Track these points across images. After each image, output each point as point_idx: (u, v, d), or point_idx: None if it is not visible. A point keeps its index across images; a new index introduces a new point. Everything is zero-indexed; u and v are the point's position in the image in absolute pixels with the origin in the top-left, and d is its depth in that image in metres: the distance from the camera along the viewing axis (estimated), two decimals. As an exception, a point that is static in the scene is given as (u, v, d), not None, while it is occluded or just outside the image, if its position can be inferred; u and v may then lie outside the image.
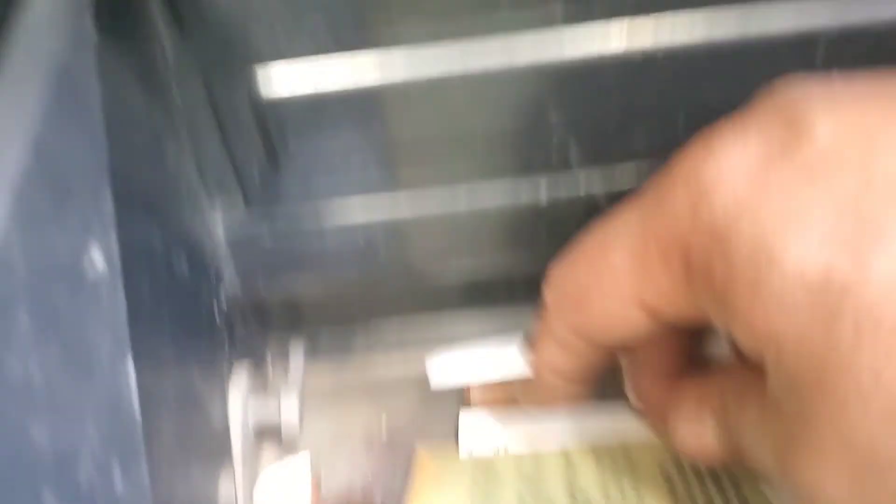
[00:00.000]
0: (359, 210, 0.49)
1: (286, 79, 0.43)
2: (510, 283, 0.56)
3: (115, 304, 0.29)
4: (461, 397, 0.56)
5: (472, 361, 0.53)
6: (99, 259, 0.28)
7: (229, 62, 0.42)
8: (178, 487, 0.40)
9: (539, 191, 0.49)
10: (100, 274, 0.28)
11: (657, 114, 0.45)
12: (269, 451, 0.55)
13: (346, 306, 0.58)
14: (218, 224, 0.49)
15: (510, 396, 0.54)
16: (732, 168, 0.31)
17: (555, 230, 0.51)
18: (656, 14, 0.41)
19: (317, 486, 0.52)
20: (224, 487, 0.48)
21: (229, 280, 0.51)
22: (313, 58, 0.43)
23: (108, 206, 0.29)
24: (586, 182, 0.48)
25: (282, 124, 0.45)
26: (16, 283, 0.23)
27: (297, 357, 0.57)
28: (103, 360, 0.27)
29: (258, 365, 0.56)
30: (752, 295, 0.29)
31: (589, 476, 0.46)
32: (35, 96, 0.26)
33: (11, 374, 0.23)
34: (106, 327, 0.28)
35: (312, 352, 0.59)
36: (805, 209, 0.28)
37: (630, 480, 0.45)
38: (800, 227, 0.28)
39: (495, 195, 0.49)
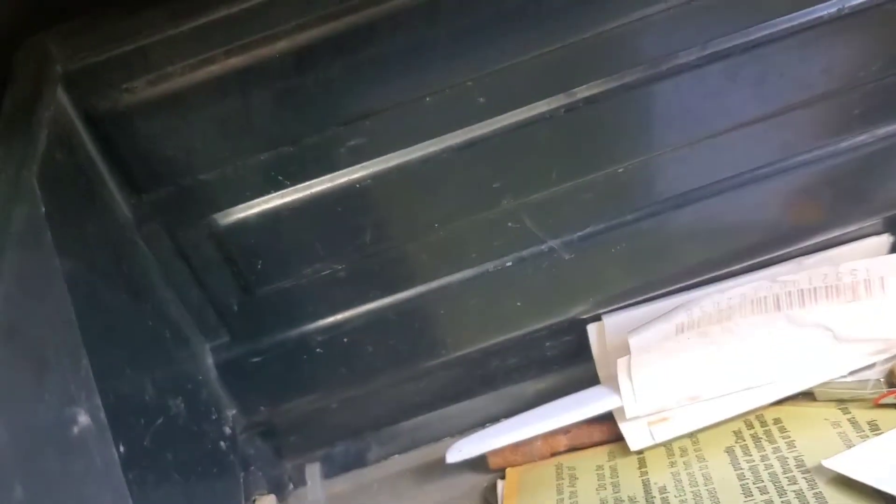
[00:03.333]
0: (339, 315, 0.51)
1: (241, 208, 0.45)
2: (505, 364, 0.57)
3: (109, 462, 0.30)
4: (479, 483, 0.57)
5: (486, 436, 0.55)
6: (85, 420, 0.29)
7: (185, 209, 0.44)
8: None
9: (504, 262, 0.50)
10: (88, 436, 0.29)
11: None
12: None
13: (353, 420, 0.59)
14: (208, 361, 0.50)
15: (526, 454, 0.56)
16: None
17: (529, 301, 0.53)
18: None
19: None
20: None
21: (232, 415, 0.52)
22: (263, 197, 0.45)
23: (86, 370, 0.31)
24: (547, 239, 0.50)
25: (246, 249, 0.47)
26: (4, 457, 0.25)
27: (313, 477, 0.57)
28: (105, 514, 0.29)
29: (280, 493, 0.57)
30: None
31: (661, 469, 0.51)
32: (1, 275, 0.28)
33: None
34: (103, 485, 0.29)
35: (330, 469, 0.60)
36: None
37: (699, 464, 0.50)
38: None
39: (466, 279, 0.51)
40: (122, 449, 0.34)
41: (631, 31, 0.43)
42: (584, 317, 0.55)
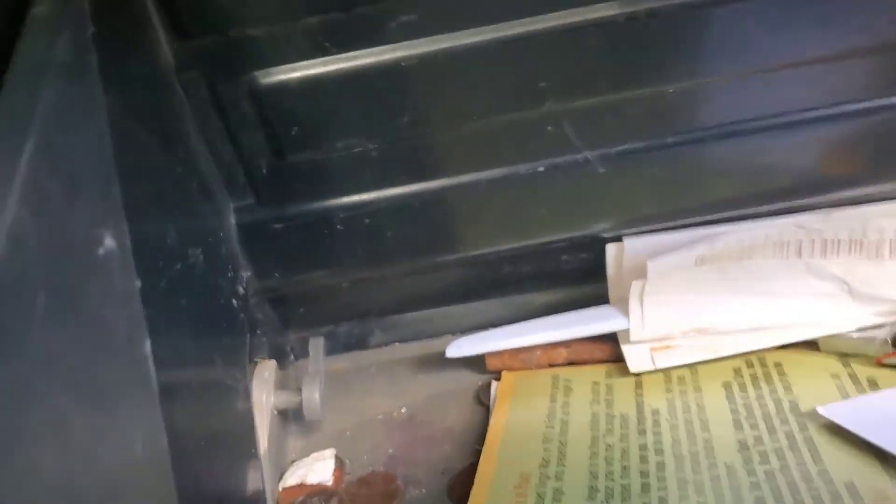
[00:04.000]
0: (364, 195, 0.51)
1: (284, 69, 0.45)
2: (518, 271, 0.58)
3: (129, 288, 0.31)
4: (474, 381, 0.58)
5: (487, 337, 0.57)
6: (111, 244, 0.30)
7: (228, 61, 0.44)
8: (203, 472, 0.41)
9: (536, 167, 0.50)
10: (112, 259, 0.30)
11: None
12: (295, 445, 0.57)
13: (361, 302, 0.60)
14: (231, 219, 0.51)
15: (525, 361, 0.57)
16: None
17: (554, 210, 0.53)
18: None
19: (340, 468, 0.54)
20: (252, 477, 0.49)
21: (247, 277, 0.53)
22: (307, 62, 0.45)
23: (116, 197, 0.31)
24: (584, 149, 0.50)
25: (283, 112, 0.46)
26: (32, 263, 0.25)
27: (316, 349, 0.58)
28: (121, 337, 0.29)
29: (281, 362, 0.58)
30: None
31: (657, 394, 0.51)
32: (40, 97, 0.28)
33: (33, 349, 0.25)
34: (121, 308, 0.30)
35: (332, 347, 0.62)
36: None
37: (695, 394, 0.51)
38: None
39: (496, 178, 0.51)
40: (139, 284, 0.35)
41: (704, -54, 0.42)
42: (606, 235, 0.54)
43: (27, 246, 0.25)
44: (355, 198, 0.51)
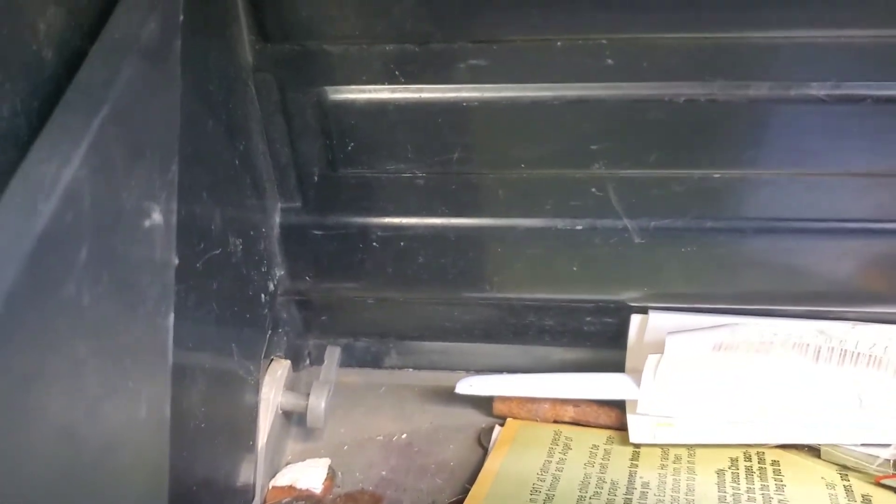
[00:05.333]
0: (404, 219, 0.53)
1: (353, 89, 0.47)
2: (541, 323, 0.59)
3: (167, 262, 0.33)
4: (478, 422, 0.59)
5: (499, 381, 0.58)
6: (158, 218, 0.32)
7: (302, 71, 0.46)
8: (198, 451, 0.43)
9: (575, 224, 0.51)
10: (156, 231, 0.32)
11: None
12: (293, 448, 0.59)
13: (383, 321, 0.61)
14: (276, 218, 0.53)
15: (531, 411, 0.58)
16: None
17: (585, 271, 0.54)
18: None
19: (331, 478, 0.55)
20: (245, 470, 0.51)
21: (279, 275, 0.55)
22: (375, 86, 0.47)
23: (172, 174, 0.33)
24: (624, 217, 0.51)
25: (343, 128, 0.48)
26: (82, 218, 0.27)
27: (332, 359, 0.60)
28: (148, 304, 0.31)
29: (297, 364, 0.60)
30: None
31: (651, 467, 0.52)
32: (121, 70, 0.30)
33: (67, 296, 0.26)
34: (155, 277, 0.32)
35: (347, 360, 0.63)
36: None
37: (687, 475, 0.51)
38: None
39: (533, 228, 0.52)
40: (176, 260, 0.37)
41: (772, 45, 0.43)
42: (632, 304, 0.55)
43: (81, 202, 0.27)
44: (395, 220, 0.52)
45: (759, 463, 0.52)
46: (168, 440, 0.33)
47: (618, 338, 0.57)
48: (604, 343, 0.58)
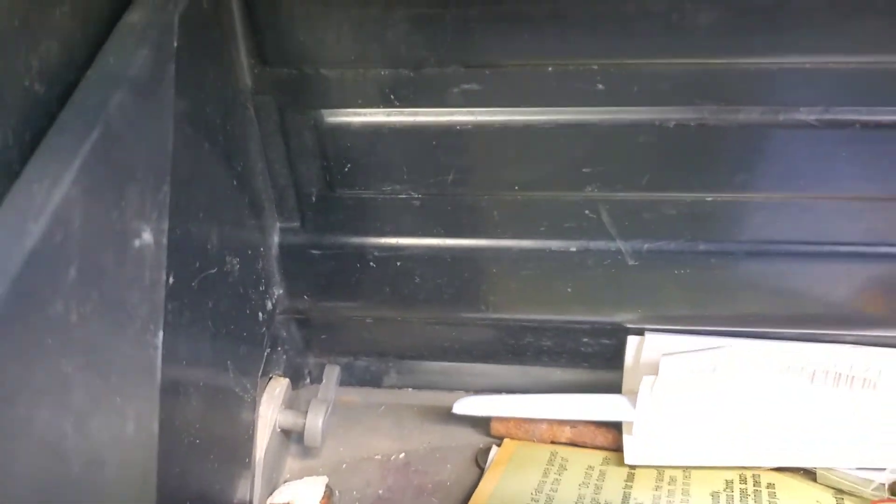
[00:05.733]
0: (400, 239, 0.53)
1: (349, 112, 0.48)
2: (538, 343, 0.59)
3: (156, 281, 0.33)
4: (476, 442, 0.59)
5: (497, 402, 0.58)
6: (148, 238, 0.33)
7: (300, 94, 0.47)
8: (193, 470, 0.43)
9: (569, 246, 0.52)
10: (147, 251, 0.33)
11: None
12: (291, 466, 0.59)
13: (382, 341, 0.62)
14: (274, 237, 0.54)
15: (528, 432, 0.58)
16: None
17: (580, 292, 0.54)
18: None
19: (328, 497, 0.55)
20: (241, 486, 0.51)
21: (278, 294, 0.55)
22: (371, 109, 0.48)
23: (164, 195, 0.34)
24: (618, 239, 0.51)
25: (340, 150, 0.49)
26: (71, 238, 0.28)
27: (330, 377, 0.60)
28: (137, 322, 0.32)
29: (296, 382, 0.60)
30: None
31: (645, 489, 0.52)
32: (114, 94, 0.31)
33: (54, 313, 0.27)
34: (144, 296, 0.32)
35: (347, 378, 0.64)
36: None
37: (682, 497, 0.51)
38: None
39: (528, 249, 0.53)
40: (171, 280, 0.37)
41: (762, 71, 0.44)
42: (629, 326, 0.56)
43: (71, 222, 0.28)
44: (392, 240, 0.53)
45: (754, 485, 0.52)
46: (156, 456, 0.33)
47: (615, 358, 0.57)
48: (602, 364, 0.59)
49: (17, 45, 0.31)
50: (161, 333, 0.33)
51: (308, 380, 0.63)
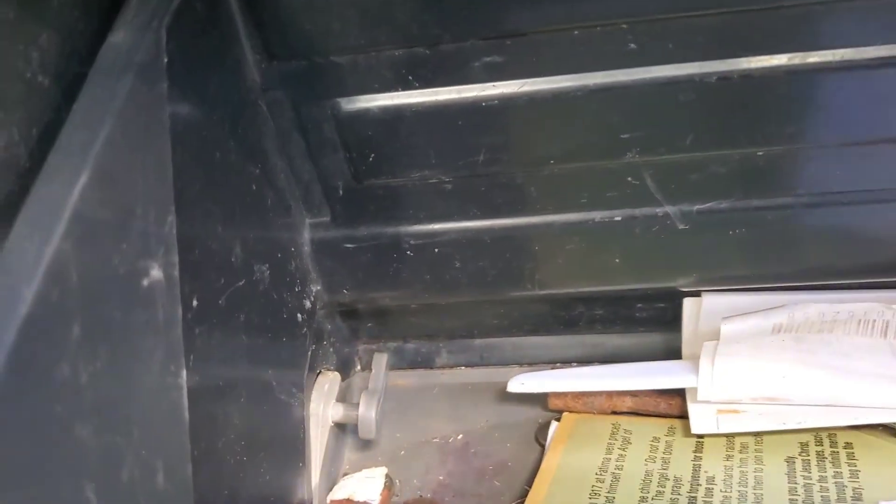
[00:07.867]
0: (436, 225, 0.51)
1: (366, 98, 0.45)
2: (591, 313, 0.57)
3: (170, 319, 0.32)
4: (534, 418, 0.58)
5: (551, 377, 0.56)
6: (157, 274, 0.31)
7: (313, 86, 0.45)
8: (244, 487, 0.42)
9: (613, 216, 0.49)
10: (157, 288, 0.31)
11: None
12: (350, 457, 0.58)
13: (430, 323, 0.60)
14: (306, 234, 0.52)
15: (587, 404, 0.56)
16: None
17: (629, 260, 0.52)
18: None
19: (389, 488, 0.54)
20: (298, 489, 0.50)
21: (316, 290, 0.54)
22: (389, 93, 0.45)
23: (170, 226, 0.32)
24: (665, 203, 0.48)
25: (362, 139, 0.47)
26: (70, 295, 0.26)
27: (379, 366, 0.59)
28: (154, 367, 0.30)
29: (347, 371, 0.59)
30: None
31: (716, 459, 0.50)
32: (101, 129, 0.29)
33: (60, 378, 0.26)
34: (159, 337, 0.31)
35: (398, 362, 0.62)
36: None
37: (755, 465, 0.49)
38: None
39: (570, 223, 0.50)
40: (195, 303, 0.36)
41: (811, 12, 0.40)
42: (684, 289, 0.53)
43: (68, 279, 0.26)
44: (427, 227, 0.51)
45: (831, 447, 0.49)
46: (192, 500, 0.32)
47: (672, 321, 0.55)
48: (658, 327, 0.57)
49: (14, 36, 0.29)
50: (184, 372, 0.31)
51: (359, 366, 0.62)
